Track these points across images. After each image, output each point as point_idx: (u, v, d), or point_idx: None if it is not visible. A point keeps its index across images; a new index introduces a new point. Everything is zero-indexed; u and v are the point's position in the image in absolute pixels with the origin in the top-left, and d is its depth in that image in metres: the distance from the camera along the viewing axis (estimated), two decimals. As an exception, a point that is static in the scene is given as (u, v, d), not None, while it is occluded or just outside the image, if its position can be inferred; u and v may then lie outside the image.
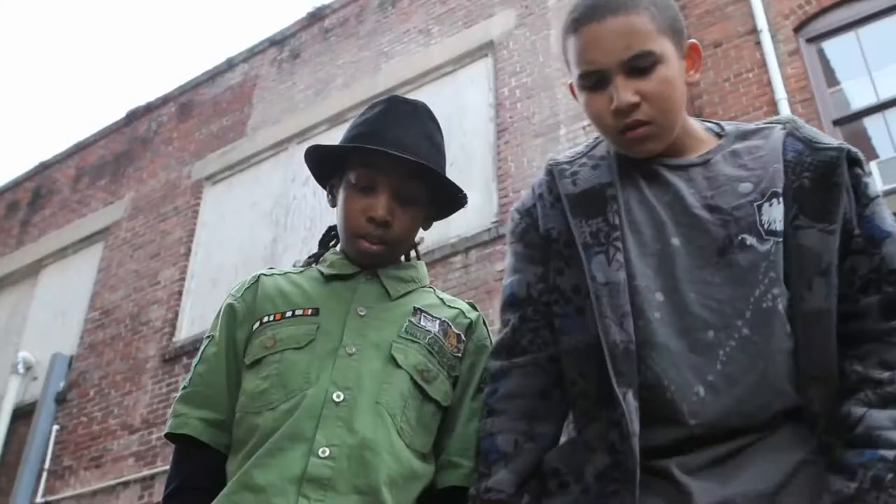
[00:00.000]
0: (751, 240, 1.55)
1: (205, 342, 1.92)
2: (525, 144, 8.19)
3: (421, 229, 2.00)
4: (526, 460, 1.63)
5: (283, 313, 1.84)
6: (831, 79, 8.29)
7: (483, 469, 1.64)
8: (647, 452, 1.49)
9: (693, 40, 1.73)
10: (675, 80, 1.64)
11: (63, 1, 51.09)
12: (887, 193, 7.21)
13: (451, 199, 2.00)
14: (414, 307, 1.90)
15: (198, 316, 10.01)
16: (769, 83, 8.09)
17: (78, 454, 9.95)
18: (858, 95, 8.17)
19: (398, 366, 1.78)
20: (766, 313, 1.51)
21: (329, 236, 2.08)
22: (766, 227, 1.56)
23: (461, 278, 7.58)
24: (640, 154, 1.68)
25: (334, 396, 1.70)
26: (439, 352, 1.85)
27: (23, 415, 10.72)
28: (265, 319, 1.84)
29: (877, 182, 7.33)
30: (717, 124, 1.79)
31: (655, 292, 1.57)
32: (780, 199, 1.58)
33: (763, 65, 8.33)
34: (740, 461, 1.47)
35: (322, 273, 1.94)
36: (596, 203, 1.66)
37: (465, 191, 2.02)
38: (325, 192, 2.03)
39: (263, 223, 10.14)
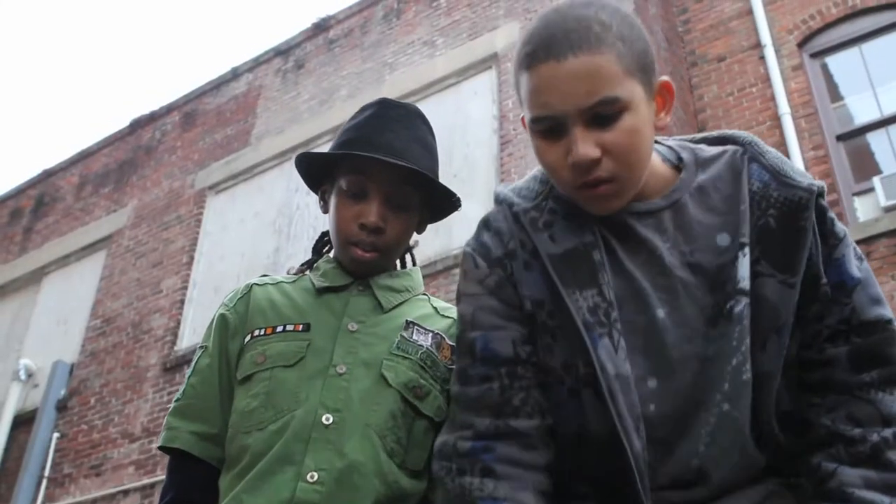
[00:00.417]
0: (739, 306, 1.41)
1: (198, 353, 1.89)
2: (528, 156, 8.19)
3: (416, 233, 1.98)
4: None
5: (275, 328, 1.81)
6: (835, 94, 8.31)
7: None
8: None
9: (665, 78, 1.49)
10: (643, 129, 1.41)
11: (68, 9, 51.21)
12: (890, 209, 7.22)
13: (446, 202, 1.97)
14: (406, 321, 1.85)
15: (200, 325, 10.00)
16: (773, 98, 8.12)
17: (78, 462, 9.94)
18: (862, 111, 8.19)
19: (388, 385, 1.74)
20: (746, 386, 1.40)
21: (322, 242, 2.05)
22: (740, 284, 1.42)
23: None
24: (599, 213, 1.47)
25: (323, 419, 1.67)
26: (432, 366, 1.80)
27: (23, 422, 10.72)
28: (256, 333, 1.82)
29: (879, 198, 7.33)
30: (672, 149, 1.60)
31: (648, 380, 1.43)
32: (747, 249, 1.43)
33: (767, 79, 8.36)
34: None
35: (314, 284, 1.91)
36: (585, 269, 1.46)
37: (468, 202, 2.00)
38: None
39: (266, 233, 10.14)
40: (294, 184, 10.15)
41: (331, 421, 1.67)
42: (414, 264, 2.06)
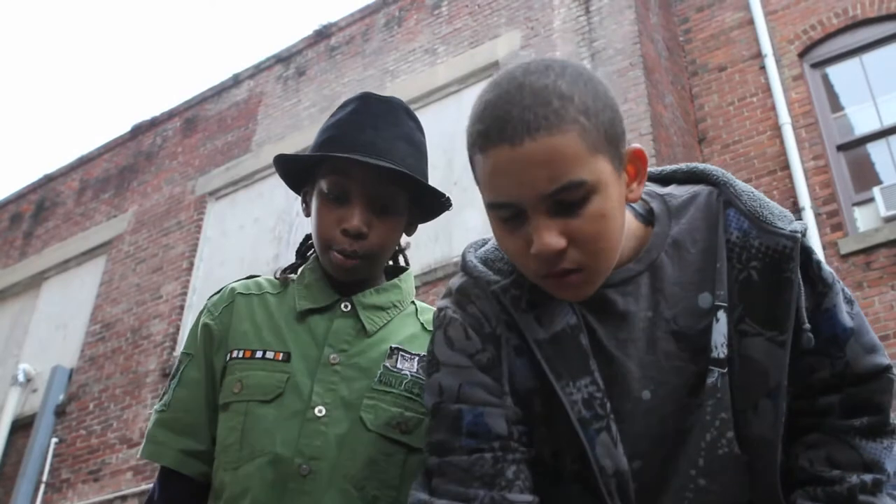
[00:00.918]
0: (716, 374, 1.33)
1: (184, 360, 1.79)
2: (529, 165, 8.19)
3: (405, 234, 1.86)
4: None
5: (254, 352, 1.71)
6: (835, 104, 8.32)
7: None
8: None
9: (636, 146, 1.32)
10: (612, 212, 1.25)
11: (70, 14, 51.31)
12: (890, 219, 7.22)
13: (436, 201, 1.83)
14: (391, 347, 1.74)
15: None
16: (773, 108, 8.13)
17: (76, 467, 9.93)
18: (862, 121, 8.20)
19: (367, 429, 1.64)
20: (722, 460, 1.34)
21: (306, 246, 1.94)
22: (717, 351, 1.33)
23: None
24: (571, 299, 1.34)
25: (301, 469, 1.59)
26: (419, 393, 1.68)
27: (22, 427, 10.72)
28: (235, 354, 1.72)
29: (880, 208, 7.34)
30: (641, 200, 1.45)
31: (633, 462, 1.35)
32: (723, 312, 1.34)
33: (767, 89, 8.37)
34: None
35: (297, 302, 1.79)
36: (575, 356, 1.35)
37: (469, 211, 1.96)
38: None
39: (266, 239, 10.15)
40: (294, 190, 10.15)
41: (308, 472, 1.59)
42: (407, 265, 1.95)
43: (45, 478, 10.07)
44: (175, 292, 10.46)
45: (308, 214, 1.83)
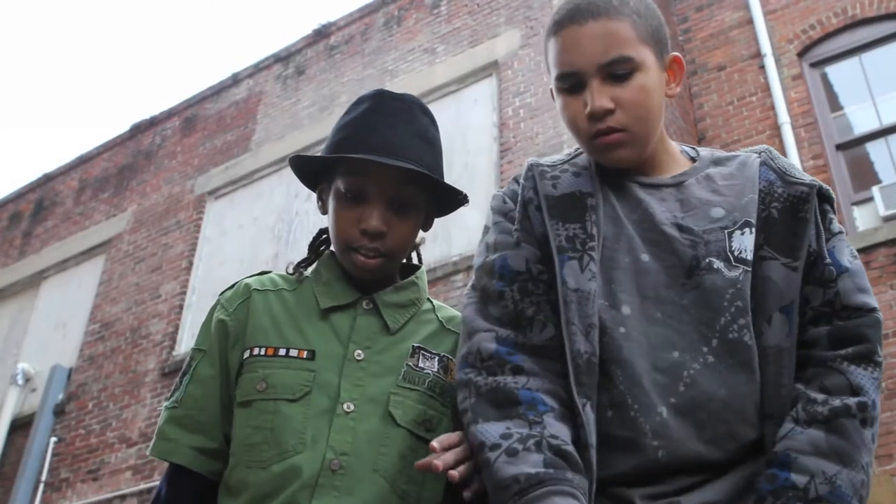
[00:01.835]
0: (718, 264, 1.52)
1: (196, 357, 1.79)
2: (528, 164, 8.19)
3: (421, 231, 1.88)
4: (567, 434, 1.46)
5: (276, 350, 1.71)
6: (834, 103, 8.32)
7: (533, 417, 1.45)
8: (613, 480, 1.46)
9: (676, 53, 1.67)
10: (653, 90, 1.59)
11: (70, 12, 51.30)
12: (889, 219, 7.22)
13: (452, 195, 1.86)
14: (413, 346, 1.76)
15: (198, 330, 9.98)
16: (773, 107, 8.13)
17: (75, 467, 9.93)
18: (861, 120, 8.21)
19: (396, 424, 1.66)
20: (732, 344, 1.48)
21: (319, 241, 1.92)
22: (735, 253, 1.52)
23: (462, 296, 7.56)
24: (610, 161, 1.63)
25: (331, 465, 1.60)
26: (441, 393, 1.73)
27: (21, 426, 10.71)
28: (256, 352, 1.72)
29: (879, 208, 7.33)
30: (693, 148, 1.76)
31: (622, 306, 1.52)
32: (753, 229, 1.54)
33: (767, 89, 8.37)
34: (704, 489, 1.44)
35: (317, 299, 1.79)
36: (575, 209, 1.60)
37: (468, 209, 1.94)
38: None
39: (265, 239, 10.14)
40: (294, 189, 10.15)
41: (339, 467, 1.60)
42: (420, 262, 1.96)
43: (44, 477, 10.07)
44: (174, 292, 10.46)
45: (324, 212, 1.85)
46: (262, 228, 10.26)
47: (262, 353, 1.71)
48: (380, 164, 1.69)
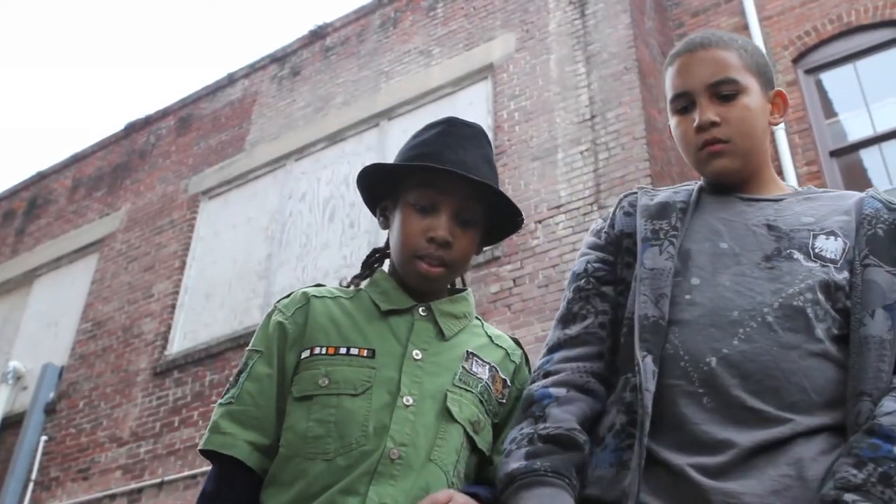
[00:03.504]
0: (798, 255, 1.67)
1: (253, 357, 1.85)
2: (522, 167, 8.20)
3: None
4: (580, 406, 1.69)
5: (337, 349, 1.79)
6: (829, 110, 8.33)
7: (538, 413, 1.68)
8: (664, 445, 1.55)
9: (781, 90, 1.89)
10: (757, 111, 1.80)
11: (65, 11, 51.23)
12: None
13: (503, 223, 1.99)
14: (467, 351, 1.87)
15: (190, 330, 9.99)
16: (767, 113, 8.11)
17: (66, 465, 9.90)
18: (856, 127, 8.21)
19: (453, 419, 1.76)
20: (794, 309, 1.60)
21: (373, 258, 2.03)
22: (815, 251, 1.68)
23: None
24: (714, 170, 1.82)
25: (391, 454, 1.67)
26: (487, 400, 1.83)
27: (11, 424, 10.68)
28: (317, 351, 1.79)
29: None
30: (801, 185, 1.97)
31: (692, 278, 1.69)
32: (838, 238, 1.70)
33: (761, 94, 8.34)
34: (760, 465, 1.49)
35: (376, 305, 1.88)
36: (665, 211, 1.82)
37: None
38: (323, 211, 2.00)
39: (259, 239, 10.13)
40: (287, 191, 10.15)
41: (398, 456, 1.67)
42: (465, 285, 2.06)
43: (34, 476, 10.04)
44: (167, 291, 10.44)
45: (386, 227, 1.97)
46: (256, 229, 10.25)
47: (324, 351, 1.79)
48: (452, 178, 1.83)
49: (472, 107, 9.11)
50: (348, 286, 1.98)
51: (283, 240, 9.85)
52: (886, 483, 1.40)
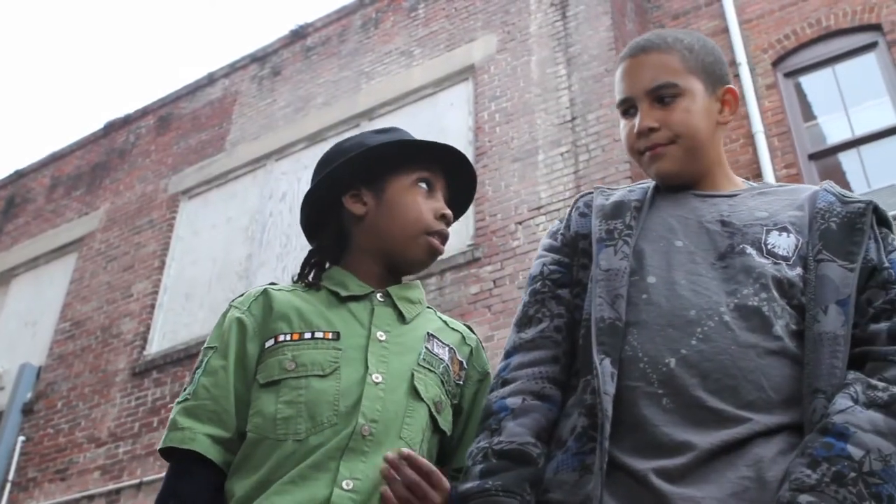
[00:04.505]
0: (750, 250, 1.68)
1: (208, 353, 1.84)
2: (503, 169, 8.21)
3: None
4: (535, 417, 1.68)
5: (302, 334, 1.80)
6: (808, 113, 8.38)
7: (494, 425, 1.68)
8: (625, 451, 1.54)
9: (731, 86, 1.89)
10: (699, 112, 1.81)
11: (44, 8, 50.92)
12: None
13: (457, 210, 2.08)
14: (427, 332, 1.90)
15: (169, 330, 9.96)
16: (747, 116, 8.17)
17: (43, 466, 9.84)
18: (834, 130, 8.27)
19: (420, 398, 1.78)
20: (750, 309, 1.61)
21: (312, 260, 2.03)
22: (767, 247, 1.69)
23: (436, 300, 7.59)
24: (657, 172, 1.84)
25: (362, 430, 1.68)
26: (447, 381, 1.86)
27: (-12, 425, 10.61)
28: (281, 338, 1.80)
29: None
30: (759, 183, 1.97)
31: (648, 276, 1.69)
32: (790, 234, 1.71)
33: (741, 97, 8.39)
34: (719, 468, 1.49)
35: (335, 293, 1.90)
36: (619, 211, 1.83)
37: None
38: (299, 209, 2.02)
39: (239, 239, 10.11)
40: (268, 191, 10.13)
41: (368, 433, 1.69)
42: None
43: (11, 476, 9.98)
44: (146, 291, 10.40)
45: (358, 213, 1.97)
46: (236, 229, 10.23)
47: (288, 338, 1.80)
48: (442, 164, 1.99)
49: (453, 108, 9.12)
50: (299, 280, 1.99)
51: (263, 240, 9.83)
52: (840, 483, 1.40)
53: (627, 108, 1.87)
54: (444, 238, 1.95)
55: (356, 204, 1.98)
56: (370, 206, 1.96)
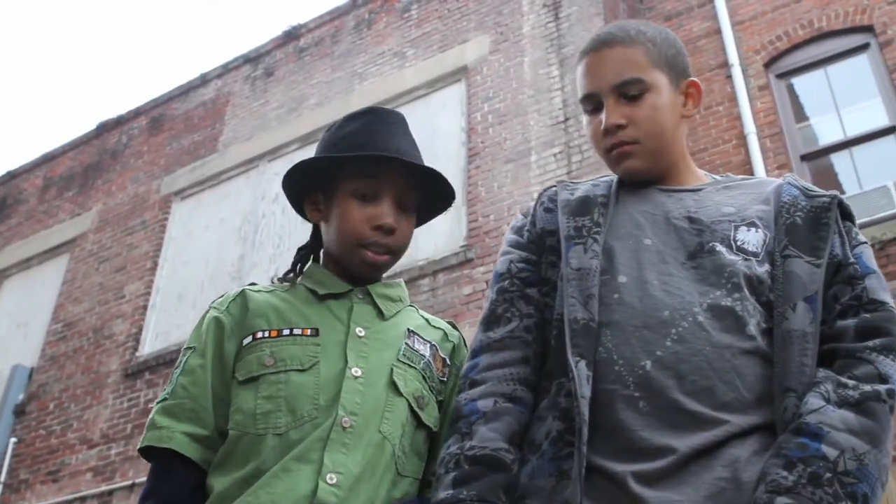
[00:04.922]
0: (720, 248, 1.66)
1: (186, 353, 1.84)
2: (496, 170, 8.21)
3: None
4: (507, 421, 1.65)
5: (280, 330, 1.80)
6: (800, 114, 8.40)
7: (465, 429, 1.65)
8: (604, 454, 1.53)
9: (694, 79, 1.86)
10: (664, 108, 1.78)
11: (37, 10, 50.81)
12: (852, 229, 7.27)
13: (431, 207, 2.03)
14: (408, 329, 1.90)
15: (162, 331, 9.94)
16: (739, 117, 8.19)
17: (35, 468, 9.82)
18: (826, 131, 8.28)
19: (399, 393, 1.77)
20: (723, 310, 1.59)
21: (300, 258, 2.04)
22: (737, 243, 1.67)
23: (428, 301, 7.58)
24: (625, 171, 1.81)
25: (343, 422, 1.68)
26: (430, 377, 1.85)
27: (-20, 426, 10.58)
28: (259, 335, 1.79)
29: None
30: (724, 175, 1.93)
31: (619, 276, 1.67)
32: (759, 229, 1.69)
33: (733, 98, 8.43)
34: (696, 470, 1.49)
35: (314, 291, 1.90)
36: (586, 207, 1.79)
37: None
38: (292, 210, 2.01)
39: (231, 240, 10.09)
40: (260, 192, 10.11)
41: (349, 425, 1.69)
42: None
43: (2, 478, 9.96)
44: (138, 292, 10.38)
45: (315, 221, 1.98)
46: (229, 230, 10.21)
47: (266, 335, 1.80)
48: (395, 165, 1.87)
49: (446, 109, 9.12)
50: (281, 282, 1.99)
51: (255, 241, 9.81)
52: (816, 483, 1.40)
53: (592, 104, 1.82)
54: (384, 249, 1.89)
55: (314, 211, 1.99)
56: (323, 214, 1.96)
